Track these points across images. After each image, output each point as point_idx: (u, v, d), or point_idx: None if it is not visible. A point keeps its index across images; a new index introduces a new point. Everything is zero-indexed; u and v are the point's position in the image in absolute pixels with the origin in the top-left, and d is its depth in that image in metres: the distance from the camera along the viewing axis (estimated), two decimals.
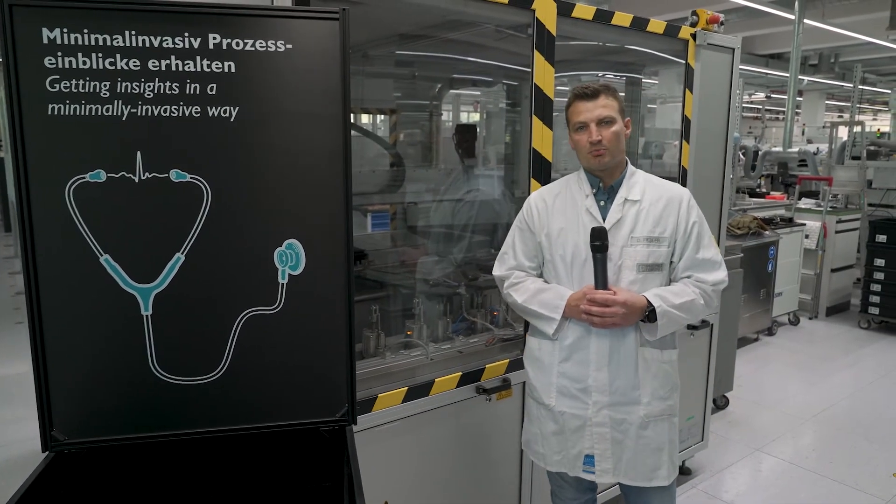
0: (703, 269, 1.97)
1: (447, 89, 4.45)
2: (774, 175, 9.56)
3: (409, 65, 3.76)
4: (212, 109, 1.47)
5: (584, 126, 1.90)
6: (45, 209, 1.42)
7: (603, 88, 1.90)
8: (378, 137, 4.27)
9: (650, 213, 1.94)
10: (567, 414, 1.99)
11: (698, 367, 3.38)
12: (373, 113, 4.73)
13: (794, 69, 8.32)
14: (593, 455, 1.97)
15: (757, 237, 5.41)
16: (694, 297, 1.94)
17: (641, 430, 1.96)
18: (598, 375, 1.95)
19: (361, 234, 4.60)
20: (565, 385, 1.99)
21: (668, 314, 1.90)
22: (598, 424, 1.96)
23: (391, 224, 4.40)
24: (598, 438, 1.97)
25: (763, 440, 3.96)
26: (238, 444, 1.62)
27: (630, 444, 1.96)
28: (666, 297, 1.91)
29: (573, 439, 2.00)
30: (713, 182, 3.21)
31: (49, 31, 1.37)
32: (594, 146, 1.88)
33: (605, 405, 1.95)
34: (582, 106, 1.90)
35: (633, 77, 3.74)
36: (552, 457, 2.05)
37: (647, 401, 1.95)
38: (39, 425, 1.50)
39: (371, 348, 2.41)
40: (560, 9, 2.39)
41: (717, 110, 3.15)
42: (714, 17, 3.00)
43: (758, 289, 5.54)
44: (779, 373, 5.19)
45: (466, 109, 6.89)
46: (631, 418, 1.95)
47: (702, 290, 1.95)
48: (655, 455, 1.98)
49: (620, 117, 1.92)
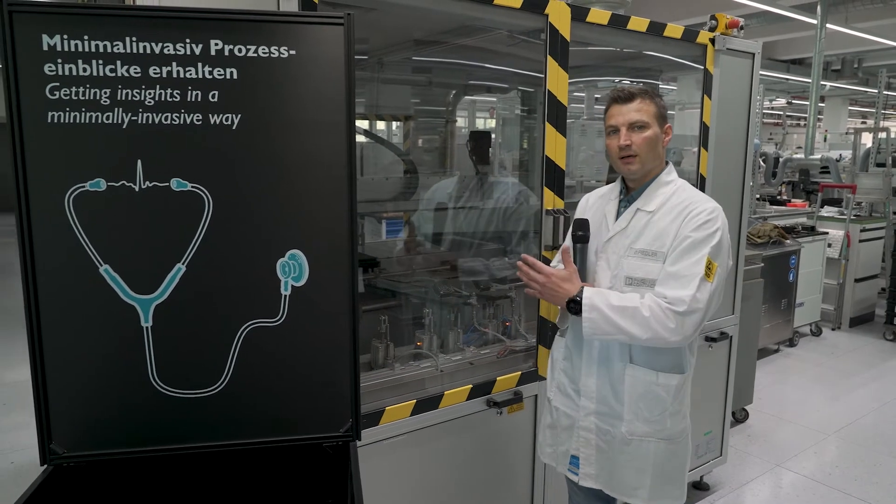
0: (667, 283, 1.76)
1: (461, 96, 4.42)
2: (796, 182, 9.39)
3: (424, 71, 3.73)
4: (213, 117, 1.43)
5: (616, 130, 1.85)
6: (44, 218, 1.40)
7: (640, 92, 1.84)
8: (391, 144, 4.24)
9: (657, 225, 1.85)
10: (560, 411, 2.04)
11: (716, 380, 3.29)
12: (387, 119, 4.71)
13: (817, 74, 8.17)
14: (578, 457, 1.98)
15: (777, 246, 5.29)
16: (638, 305, 1.74)
17: (624, 446, 1.91)
18: (587, 381, 1.95)
19: (374, 240, 4.58)
20: (563, 382, 2.04)
21: (597, 310, 1.76)
22: (585, 429, 1.96)
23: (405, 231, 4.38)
24: (583, 442, 1.97)
25: (784, 455, 3.85)
26: (239, 459, 1.58)
27: (613, 457, 1.93)
28: (605, 294, 1.80)
29: (563, 437, 2.03)
30: (733, 190, 3.13)
31: (49, 37, 1.35)
32: (623, 151, 1.83)
33: (592, 412, 1.95)
34: (615, 109, 1.85)
35: (651, 83, 3.67)
36: (545, 448, 2.12)
37: (628, 419, 1.89)
38: (38, 438, 1.47)
39: (380, 359, 2.37)
40: (574, 13, 2.33)
41: (737, 117, 3.08)
42: (734, 22, 2.92)
43: (778, 299, 5.42)
44: (800, 385, 5.06)
45: (482, 116, 6.85)
46: (614, 431, 1.92)
47: (654, 302, 1.74)
48: (638, 475, 1.91)
49: (657, 123, 1.84)
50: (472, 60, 3.43)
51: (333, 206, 1.52)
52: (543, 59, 2.31)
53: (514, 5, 2.18)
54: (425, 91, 4.21)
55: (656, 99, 1.85)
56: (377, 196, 3.70)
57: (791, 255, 5.44)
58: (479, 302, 2.68)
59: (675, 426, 1.92)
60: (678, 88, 3.80)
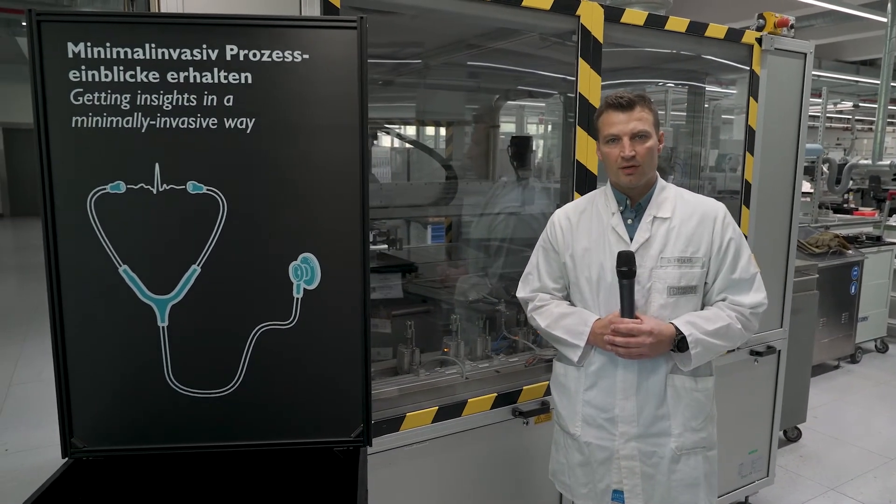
0: (739, 290, 1.81)
1: (503, 101, 4.38)
2: (865, 190, 8.89)
3: (467, 76, 3.71)
4: (228, 121, 1.46)
5: (615, 139, 1.76)
6: (68, 219, 1.45)
7: (638, 99, 1.76)
8: (429, 149, 4.24)
9: (682, 232, 1.79)
10: (593, 445, 1.85)
11: (763, 395, 3.13)
12: (429, 125, 4.72)
13: (886, 76, 7.73)
14: (622, 490, 1.82)
15: (838, 256, 5.01)
16: (729, 321, 1.78)
17: (673, 465, 1.80)
18: (624, 405, 1.80)
19: (417, 245, 4.58)
20: (591, 414, 1.85)
21: (701, 342, 1.74)
22: (627, 458, 1.81)
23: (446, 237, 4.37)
24: (626, 473, 1.82)
25: (840, 479, 3.63)
26: (251, 460, 1.59)
27: (662, 480, 1.81)
28: (698, 323, 1.75)
29: (600, 472, 1.85)
30: (781, 198, 2.98)
31: (74, 45, 1.40)
32: (626, 161, 1.74)
33: (633, 437, 1.81)
34: (615, 117, 1.76)
35: (697, 86, 3.54)
36: (579, 489, 1.92)
37: (678, 432, 1.80)
38: (60, 432, 1.52)
39: (406, 364, 2.35)
40: (608, 14, 2.27)
41: (787, 120, 2.93)
42: (783, 20, 2.79)
43: (838, 312, 5.13)
44: (862, 404, 4.77)
45: (530, 121, 6.78)
46: (661, 451, 1.80)
47: (738, 313, 1.79)
48: (690, 491, 1.82)
49: (655, 131, 1.78)
50: (510, 65, 3.38)
51: (346, 210, 1.52)
52: (575, 62, 2.25)
53: (543, 7, 2.14)
54: (466, 97, 4.19)
55: (653, 106, 1.79)
56: (420, 201, 3.71)
57: (853, 267, 5.14)
58: (507, 308, 2.64)
59: (714, 433, 1.90)
60: (737, 92, 3.65)
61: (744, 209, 2.82)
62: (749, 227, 2.84)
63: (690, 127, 3.64)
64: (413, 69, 3.33)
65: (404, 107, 4.18)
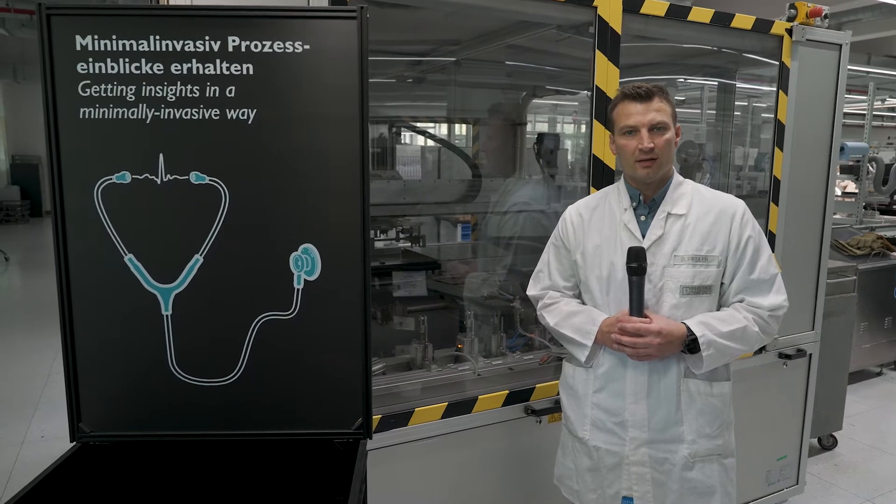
0: (757, 291, 1.74)
1: (531, 98, 4.34)
2: None
3: (478, 73, 3.68)
4: (230, 112, 1.47)
5: (633, 131, 1.70)
6: (76, 209, 1.48)
7: (657, 90, 1.70)
8: (453, 146, 4.22)
9: (697, 229, 1.72)
10: (602, 449, 1.79)
11: (792, 400, 3.01)
12: (456, 122, 4.70)
13: None
14: (632, 497, 1.76)
15: (880, 258, 4.80)
16: (746, 323, 1.70)
17: (686, 472, 1.73)
18: (635, 409, 1.74)
19: (442, 243, 4.57)
20: (600, 418, 1.79)
21: (714, 344, 1.66)
22: (637, 463, 1.75)
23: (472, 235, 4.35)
24: (636, 479, 1.75)
25: (878, 490, 3.47)
26: (252, 449, 1.60)
27: (674, 487, 1.74)
28: (711, 324, 1.68)
29: (609, 478, 1.79)
30: (813, 195, 2.87)
31: (82, 38, 1.43)
32: (645, 154, 1.68)
33: (644, 442, 1.74)
34: (632, 108, 1.70)
35: (726, 83, 3.43)
36: (587, 495, 1.85)
37: (691, 438, 1.73)
38: (68, 417, 1.56)
39: (419, 360, 2.35)
40: (626, 4, 2.22)
41: (820, 115, 2.82)
42: (816, 10, 2.68)
43: (881, 316, 4.92)
44: None
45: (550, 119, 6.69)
46: (673, 458, 1.73)
47: (756, 315, 1.72)
48: (704, 500, 1.75)
49: (673, 123, 1.72)
50: (534, 62, 3.34)
51: (346, 201, 1.52)
52: (592, 54, 2.21)
53: None
54: (491, 94, 4.16)
55: (670, 97, 1.73)
56: (443, 198, 3.69)
57: None
58: (524, 306, 2.60)
59: (731, 439, 1.82)
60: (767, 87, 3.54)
61: (772, 206, 2.73)
62: (777, 225, 2.74)
63: (721, 125, 3.53)
64: (433, 66, 3.31)
65: (427, 106, 4.17)
